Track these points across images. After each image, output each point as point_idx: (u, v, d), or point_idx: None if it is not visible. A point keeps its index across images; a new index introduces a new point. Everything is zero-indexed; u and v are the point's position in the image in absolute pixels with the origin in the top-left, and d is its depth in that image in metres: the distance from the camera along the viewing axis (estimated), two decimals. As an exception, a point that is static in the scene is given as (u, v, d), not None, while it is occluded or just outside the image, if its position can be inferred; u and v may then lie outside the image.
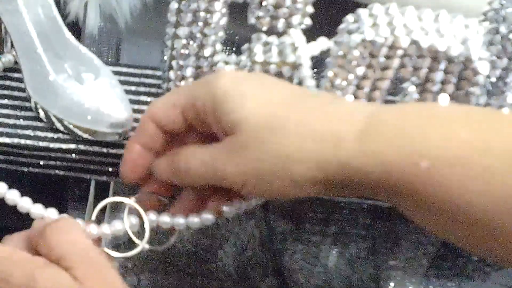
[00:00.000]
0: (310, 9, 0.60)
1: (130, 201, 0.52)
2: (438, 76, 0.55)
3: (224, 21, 0.60)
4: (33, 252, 0.47)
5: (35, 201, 0.53)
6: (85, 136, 0.59)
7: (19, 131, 0.60)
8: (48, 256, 0.45)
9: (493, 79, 0.65)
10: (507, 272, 0.64)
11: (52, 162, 0.60)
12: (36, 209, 0.53)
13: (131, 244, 0.52)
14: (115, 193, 0.54)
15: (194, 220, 0.54)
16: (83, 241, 0.46)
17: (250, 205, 0.55)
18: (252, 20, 0.60)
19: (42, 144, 0.59)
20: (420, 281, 0.61)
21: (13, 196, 0.53)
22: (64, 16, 0.73)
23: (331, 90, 0.57)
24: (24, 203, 0.53)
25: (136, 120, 0.61)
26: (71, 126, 0.59)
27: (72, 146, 0.60)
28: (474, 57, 0.54)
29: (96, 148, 0.60)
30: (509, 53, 0.63)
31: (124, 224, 0.52)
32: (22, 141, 0.59)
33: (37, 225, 0.49)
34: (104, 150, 0.60)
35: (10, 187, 0.53)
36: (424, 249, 0.63)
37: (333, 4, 0.73)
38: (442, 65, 0.54)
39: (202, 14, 0.58)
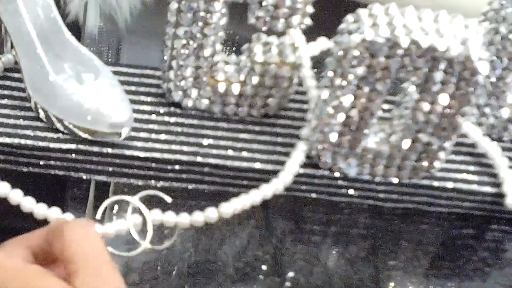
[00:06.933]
0: (310, 9, 0.60)
1: (134, 200, 0.53)
2: (438, 76, 0.55)
3: (224, 21, 0.60)
4: (48, 249, 0.47)
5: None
6: (85, 136, 0.59)
7: (19, 131, 0.60)
8: (60, 255, 0.45)
9: (493, 79, 0.65)
10: (507, 272, 0.63)
11: (52, 162, 0.60)
12: (39, 209, 0.53)
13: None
14: (115, 193, 0.54)
15: (198, 218, 0.54)
16: (96, 247, 0.46)
17: (246, 205, 0.56)
18: (252, 20, 0.60)
19: (42, 144, 0.59)
20: (420, 281, 0.61)
21: (16, 196, 0.53)
22: (64, 16, 0.73)
23: (331, 90, 0.57)
24: (27, 203, 0.53)
25: (136, 120, 0.61)
26: (71, 126, 0.59)
27: (72, 146, 0.60)
28: (474, 57, 0.54)
29: (96, 148, 0.60)
30: (509, 53, 0.63)
31: (127, 223, 0.52)
32: (22, 141, 0.59)
33: (56, 222, 0.49)
34: (104, 150, 0.60)
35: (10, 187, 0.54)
36: (424, 249, 0.63)
37: (333, 4, 0.73)
38: (442, 65, 0.54)
39: (202, 14, 0.58)
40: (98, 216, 0.52)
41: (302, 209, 0.64)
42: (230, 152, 0.62)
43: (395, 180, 0.62)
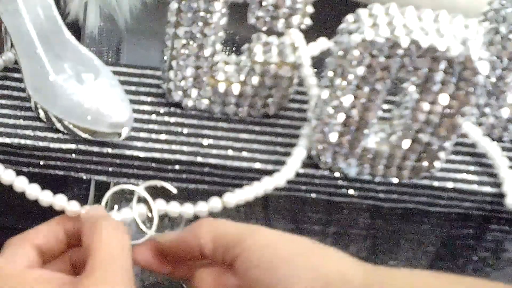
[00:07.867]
0: (310, 9, 0.60)
1: (139, 189, 0.53)
2: (438, 76, 0.55)
3: (224, 21, 0.60)
4: (68, 235, 0.48)
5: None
6: (85, 136, 0.59)
7: (19, 131, 0.60)
8: (85, 247, 0.46)
9: (493, 79, 0.65)
10: (507, 272, 0.64)
11: (52, 162, 0.60)
12: (44, 196, 0.53)
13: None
14: (115, 193, 0.54)
15: (202, 208, 0.55)
16: (123, 255, 0.45)
17: (250, 196, 0.57)
18: (252, 20, 0.60)
19: (42, 144, 0.59)
20: (420, 281, 0.61)
21: (21, 183, 0.53)
22: (64, 16, 0.73)
23: (331, 90, 0.57)
24: (32, 190, 0.53)
25: (136, 120, 0.61)
26: (71, 126, 0.59)
27: (72, 146, 0.60)
28: (474, 57, 0.54)
29: (96, 148, 0.60)
30: (509, 53, 0.63)
31: (133, 212, 0.52)
32: (22, 141, 0.59)
33: (91, 212, 0.50)
34: (104, 150, 0.60)
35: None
36: (424, 249, 0.63)
37: (333, 4, 0.73)
38: (442, 65, 0.54)
39: (202, 14, 0.58)
40: (103, 203, 0.52)
41: (302, 209, 0.64)
42: (230, 152, 0.62)
43: (395, 180, 0.62)
